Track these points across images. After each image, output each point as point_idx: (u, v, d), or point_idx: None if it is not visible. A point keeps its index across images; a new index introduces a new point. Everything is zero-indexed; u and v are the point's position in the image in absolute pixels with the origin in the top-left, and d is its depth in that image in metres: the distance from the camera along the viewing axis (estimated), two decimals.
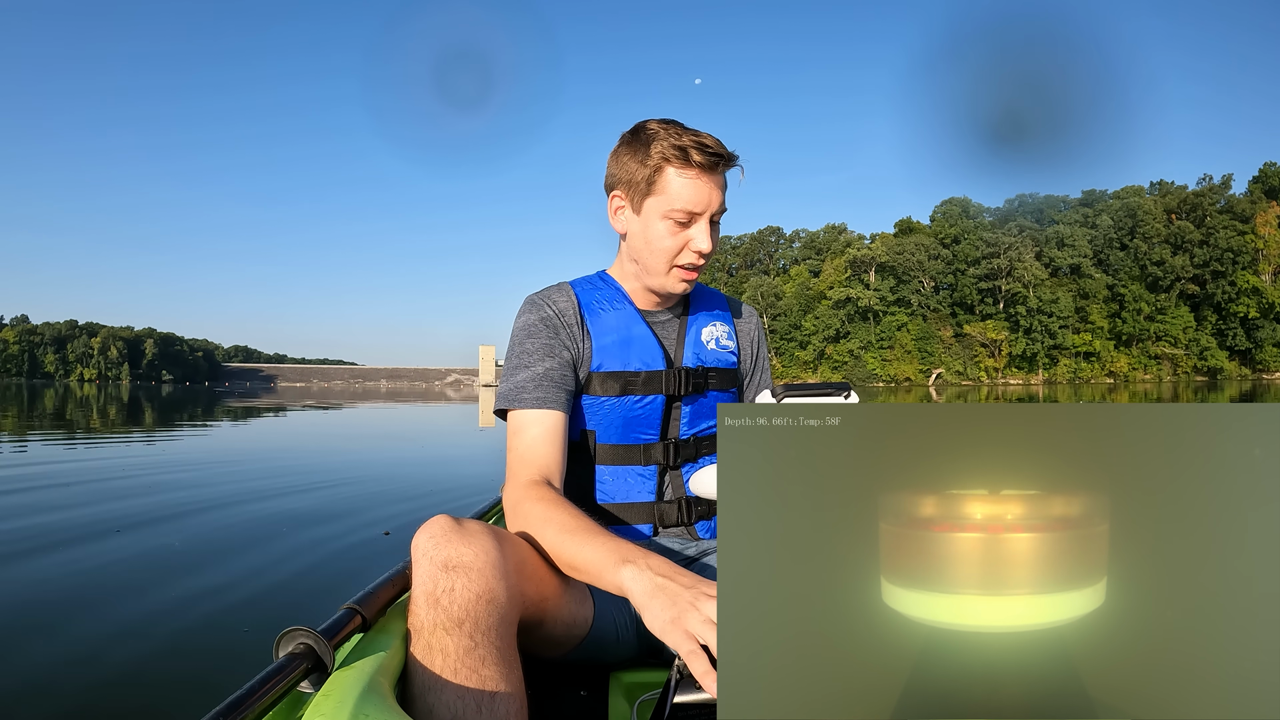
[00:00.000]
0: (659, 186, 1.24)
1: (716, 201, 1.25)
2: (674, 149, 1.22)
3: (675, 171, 1.23)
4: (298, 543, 3.78)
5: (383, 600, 1.00)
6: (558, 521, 1.09)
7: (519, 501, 1.16)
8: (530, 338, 1.30)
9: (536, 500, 1.14)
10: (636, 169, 1.26)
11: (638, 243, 1.30)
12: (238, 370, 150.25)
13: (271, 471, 6.72)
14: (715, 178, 1.24)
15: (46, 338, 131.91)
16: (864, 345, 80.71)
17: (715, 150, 1.23)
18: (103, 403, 25.17)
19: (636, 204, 1.28)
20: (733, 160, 1.26)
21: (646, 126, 1.27)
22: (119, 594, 2.88)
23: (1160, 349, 78.88)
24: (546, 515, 1.11)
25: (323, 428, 14.20)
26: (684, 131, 1.24)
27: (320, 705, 0.76)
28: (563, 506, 1.12)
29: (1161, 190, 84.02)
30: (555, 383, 1.27)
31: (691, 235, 1.26)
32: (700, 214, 1.25)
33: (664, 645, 1.29)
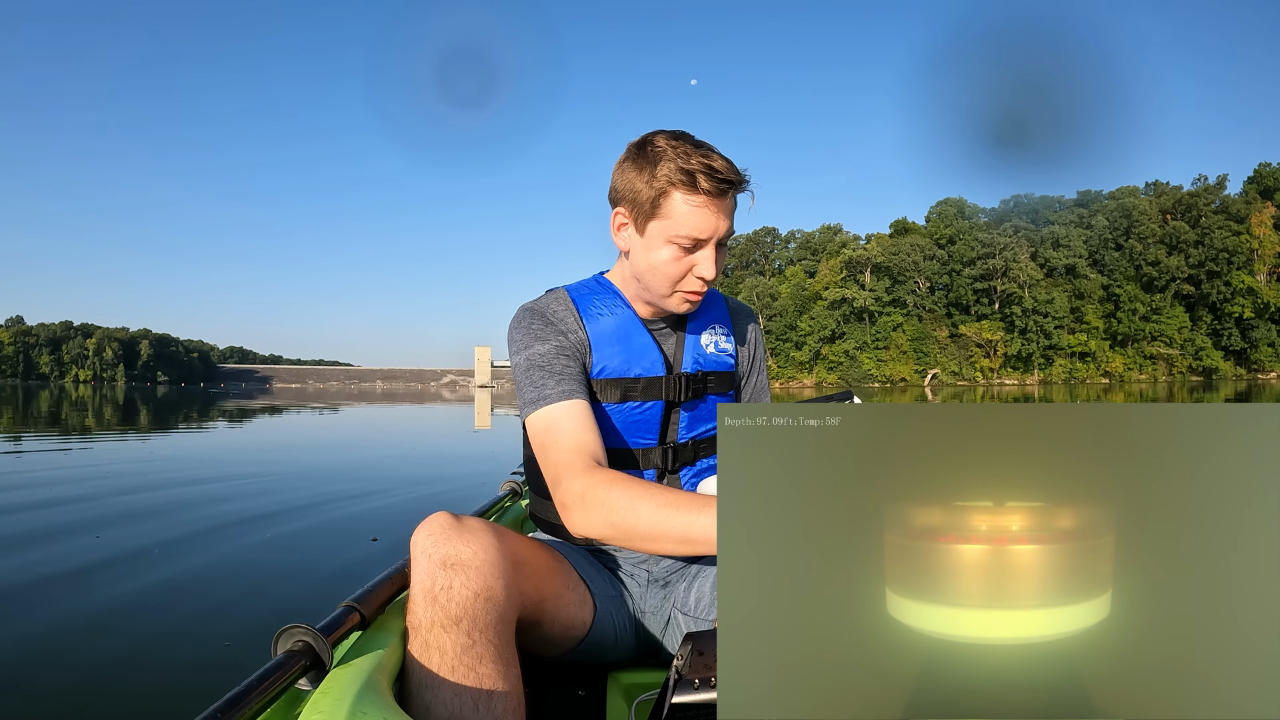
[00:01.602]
0: (664, 210, 1.19)
1: (724, 228, 1.20)
2: (681, 172, 1.16)
3: (682, 197, 1.17)
4: (296, 541, 3.78)
5: (381, 598, 1.00)
6: (651, 498, 1.04)
7: (591, 488, 1.09)
8: (540, 341, 1.28)
9: (613, 482, 1.08)
10: (641, 188, 1.20)
11: (640, 264, 1.25)
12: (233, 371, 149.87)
13: (270, 471, 6.70)
14: (723, 203, 1.19)
15: (41, 339, 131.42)
16: (859, 346, 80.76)
17: (725, 176, 1.17)
18: (98, 404, 25.08)
19: (640, 225, 1.23)
20: (743, 185, 1.21)
21: (654, 142, 1.21)
22: (118, 591, 2.87)
23: (1155, 349, 79.06)
24: (634, 493, 1.05)
25: (319, 429, 14.17)
26: (693, 152, 1.17)
27: (318, 702, 0.75)
28: (644, 483, 1.08)
29: (1157, 191, 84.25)
30: (575, 377, 1.25)
31: (696, 260, 1.21)
32: (706, 240, 1.20)
33: (663, 646, 1.30)
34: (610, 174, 1.29)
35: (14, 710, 1.89)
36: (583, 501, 1.09)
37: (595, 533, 1.09)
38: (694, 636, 0.89)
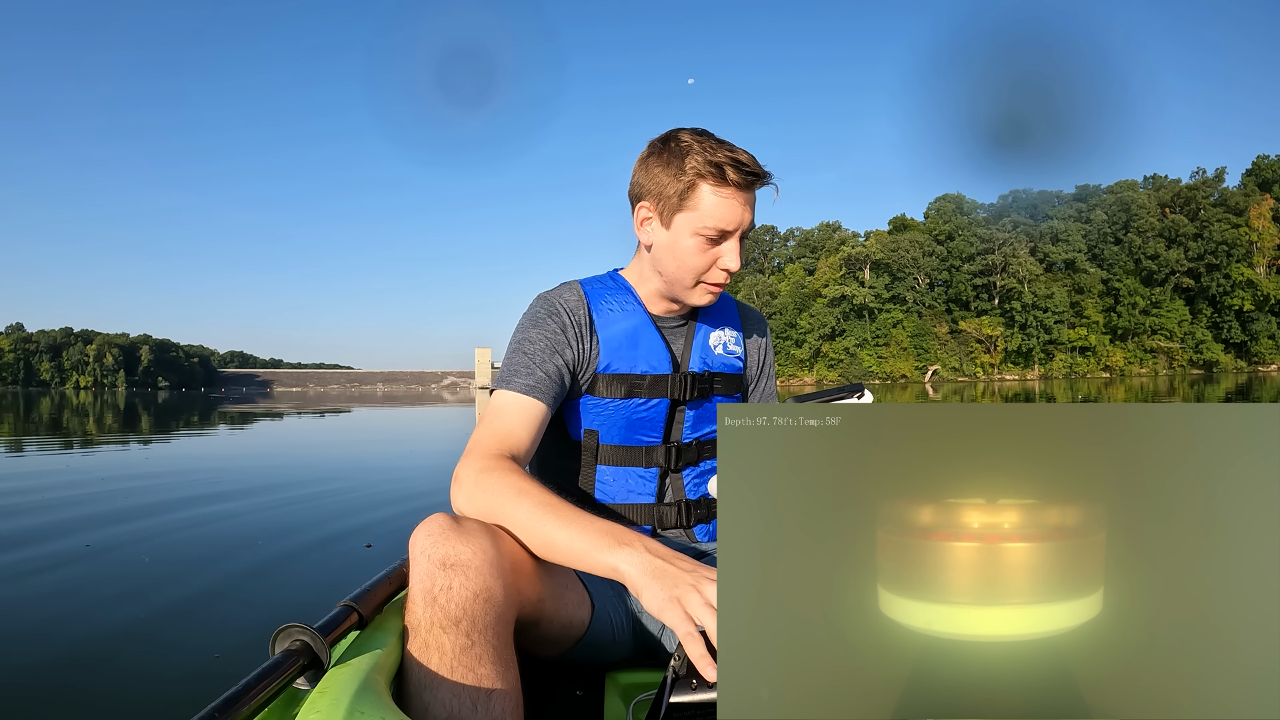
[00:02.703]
0: (692, 203, 1.22)
1: (748, 220, 1.23)
2: (710, 165, 1.19)
3: (710, 189, 1.20)
4: (294, 541, 3.79)
5: (380, 598, 1.00)
6: (535, 497, 1.03)
7: (485, 470, 1.07)
8: (536, 327, 1.29)
9: (508, 472, 1.07)
10: (668, 182, 1.23)
11: (665, 256, 1.28)
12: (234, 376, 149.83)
13: (271, 472, 6.71)
14: (748, 195, 1.23)
15: (42, 345, 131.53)
16: (860, 343, 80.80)
17: (751, 169, 1.21)
18: (99, 410, 25.09)
19: (666, 218, 1.25)
20: (767, 178, 1.24)
21: (679, 137, 1.24)
22: (117, 590, 2.88)
23: (1156, 343, 79.10)
24: (520, 488, 1.04)
25: (319, 432, 14.17)
26: (719, 146, 1.21)
27: (316, 702, 0.75)
28: (538, 484, 1.06)
29: (1155, 184, 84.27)
30: (551, 378, 1.25)
31: (722, 252, 1.25)
32: (732, 232, 1.23)
33: (661, 646, 1.30)
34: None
35: (14, 709, 1.90)
36: (474, 480, 1.07)
37: (473, 513, 1.06)
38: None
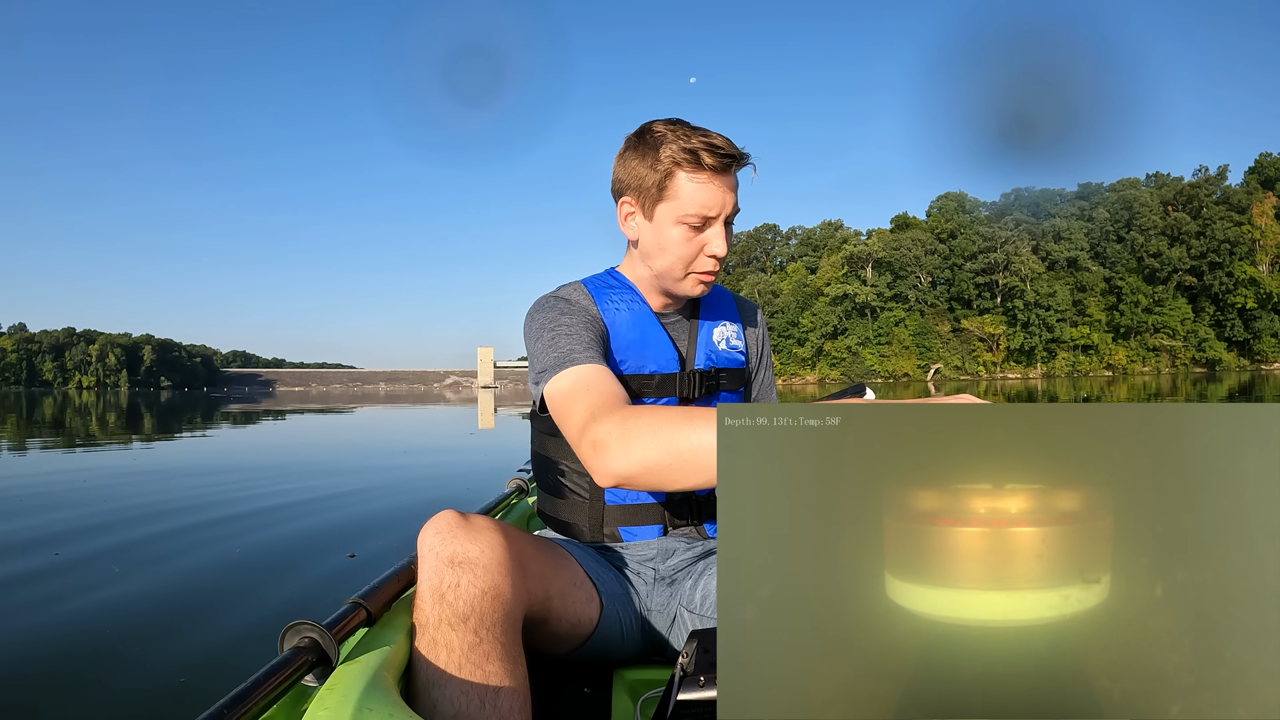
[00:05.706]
0: (670, 191, 1.21)
1: (730, 203, 1.22)
2: (684, 152, 1.18)
3: (686, 175, 1.19)
4: (302, 538, 3.80)
5: (388, 595, 1.00)
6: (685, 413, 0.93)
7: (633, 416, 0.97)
8: (565, 315, 1.25)
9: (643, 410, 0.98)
10: (646, 174, 1.22)
11: (651, 249, 1.26)
12: (236, 375, 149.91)
13: (274, 471, 6.71)
14: (727, 179, 1.21)
15: (44, 345, 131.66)
16: (862, 341, 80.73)
17: (726, 151, 1.19)
18: (101, 410, 25.13)
19: (648, 210, 1.24)
20: (744, 159, 1.23)
21: (653, 129, 1.23)
22: (125, 587, 2.89)
23: (1158, 341, 78.95)
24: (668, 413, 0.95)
25: (323, 431, 14.18)
26: (693, 132, 1.20)
27: (324, 699, 0.76)
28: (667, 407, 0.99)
29: (1158, 182, 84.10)
30: (599, 349, 1.22)
31: (707, 239, 1.23)
32: (714, 217, 1.22)
33: (669, 643, 1.30)
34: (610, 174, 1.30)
35: (17, 708, 1.90)
36: (623, 430, 0.96)
37: (645, 460, 0.93)
38: (699, 634, 0.90)
